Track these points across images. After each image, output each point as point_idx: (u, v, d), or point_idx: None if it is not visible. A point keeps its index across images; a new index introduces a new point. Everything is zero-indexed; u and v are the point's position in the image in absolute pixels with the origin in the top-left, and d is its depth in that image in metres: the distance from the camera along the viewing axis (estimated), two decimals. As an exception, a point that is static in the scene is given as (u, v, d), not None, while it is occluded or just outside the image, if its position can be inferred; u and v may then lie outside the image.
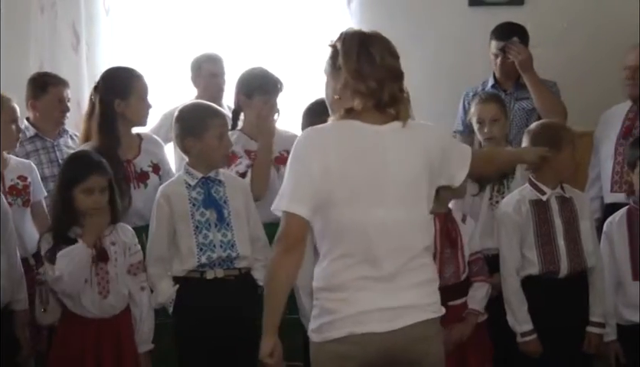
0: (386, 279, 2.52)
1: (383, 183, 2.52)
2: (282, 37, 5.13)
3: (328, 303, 2.54)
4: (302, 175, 2.51)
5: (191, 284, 3.37)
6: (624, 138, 4.08)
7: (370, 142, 2.53)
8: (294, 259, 2.52)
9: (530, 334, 3.36)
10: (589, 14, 5.20)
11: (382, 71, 2.54)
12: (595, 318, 3.39)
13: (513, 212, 3.43)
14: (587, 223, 3.42)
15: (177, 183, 3.46)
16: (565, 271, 3.37)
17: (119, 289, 3.32)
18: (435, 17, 5.16)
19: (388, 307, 2.51)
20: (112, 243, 3.33)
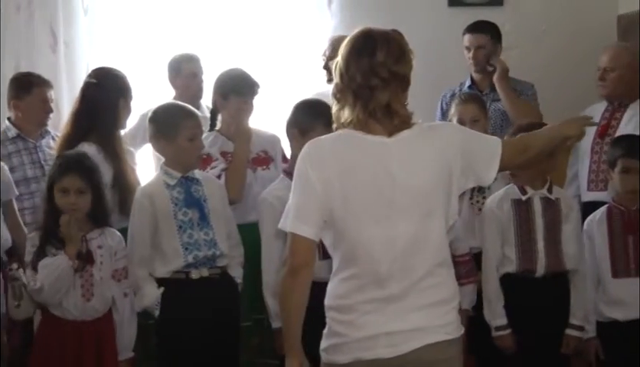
0: (395, 300, 2.38)
1: (389, 198, 2.37)
2: (263, 38, 5.12)
3: (336, 326, 2.42)
4: (304, 191, 2.39)
5: (177, 285, 3.34)
6: (600, 137, 4.11)
7: (374, 154, 2.38)
8: (303, 280, 2.40)
9: (505, 329, 3.38)
10: (567, 15, 5.25)
11: (375, 79, 2.39)
12: (575, 321, 3.40)
13: (496, 209, 3.45)
14: (571, 226, 3.42)
15: (156, 183, 3.43)
16: (542, 271, 3.39)
17: (103, 293, 3.30)
18: (414, 18, 5.17)
19: (396, 331, 2.37)
20: (99, 246, 3.31)
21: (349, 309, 2.40)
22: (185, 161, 3.41)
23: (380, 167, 2.38)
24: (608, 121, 4.15)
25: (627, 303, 3.39)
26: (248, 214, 3.63)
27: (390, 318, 2.38)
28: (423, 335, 2.39)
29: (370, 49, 2.39)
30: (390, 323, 2.38)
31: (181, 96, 4.46)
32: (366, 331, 2.38)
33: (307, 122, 3.28)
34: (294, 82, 5.01)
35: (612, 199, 3.53)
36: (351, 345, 2.39)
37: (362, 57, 2.39)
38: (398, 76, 2.41)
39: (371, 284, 2.38)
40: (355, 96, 2.40)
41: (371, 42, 2.41)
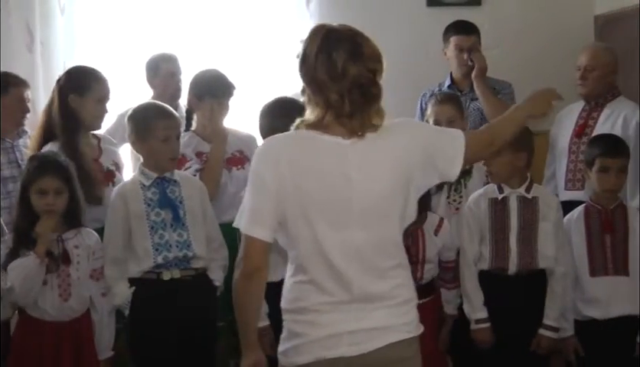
0: (357, 301, 2.35)
1: (346, 201, 2.31)
2: (241, 37, 5.10)
3: (295, 326, 2.38)
4: (259, 191, 2.34)
5: (148, 285, 3.34)
6: (577, 136, 4.13)
7: (332, 157, 2.32)
8: (257, 283, 2.37)
9: (484, 322, 3.40)
10: (544, 15, 5.28)
11: (345, 82, 2.30)
12: (548, 321, 3.41)
13: (473, 207, 3.48)
14: (549, 225, 3.43)
15: (132, 183, 3.44)
16: (514, 269, 3.41)
17: (80, 292, 3.28)
18: (393, 17, 5.18)
19: (359, 329, 2.34)
20: (76, 246, 3.29)
21: (308, 310, 2.36)
22: (158, 162, 3.40)
23: (337, 169, 2.32)
24: (586, 120, 4.17)
25: (605, 301, 3.42)
26: (223, 214, 3.61)
27: (352, 317, 2.34)
28: (386, 333, 2.37)
29: (330, 47, 2.31)
30: (352, 321, 2.35)
31: (160, 96, 4.44)
32: (328, 330, 2.35)
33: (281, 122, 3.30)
34: (272, 81, 5.01)
35: (589, 199, 3.55)
36: (312, 345, 2.35)
37: (319, 56, 2.31)
38: (359, 77, 2.31)
39: (330, 287, 2.34)
40: (310, 98, 2.35)
41: (331, 39, 2.32)
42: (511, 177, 3.45)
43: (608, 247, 3.45)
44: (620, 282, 3.42)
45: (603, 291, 3.42)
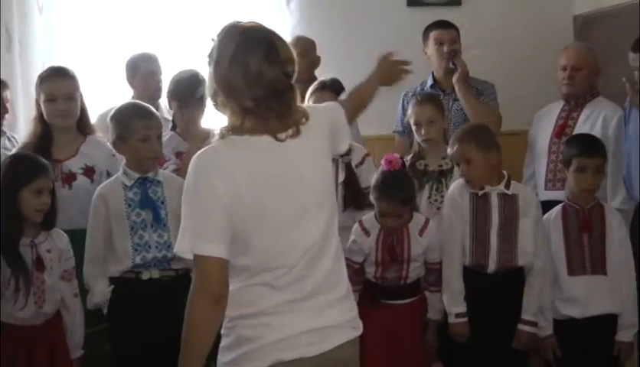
0: (308, 298, 2.30)
1: (300, 200, 2.28)
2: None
3: (247, 332, 2.28)
4: (208, 207, 2.20)
5: (126, 285, 3.34)
6: (557, 136, 4.14)
7: (278, 157, 2.26)
8: (220, 309, 2.23)
9: (462, 316, 3.41)
10: (523, 15, 5.32)
11: (260, 87, 2.20)
12: (527, 316, 3.42)
13: (458, 197, 3.48)
14: (529, 222, 3.44)
15: (114, 183, 3.43)
16: (493, 267, 3.41)
17: (53, 296, 3.26)
18: (373, 17, 5.19)
19: (314, 328, 2.30)
20: (48, 250, 3.25)
21: (261, 313, 2.28)
22: (139, 162, 3.39)
23: (287, 169, 2.27)
24: (565, 120, 4.19)
25: (583, 300, 3.43)
26: None
27: (306, 316, 2.30)
28: (339, 331, 2.35)
29: (243, 50, 2.21)
30: (307, 320, 2.30)
31: (140, 96, 4.42)
32: (285, 331, 2.28)
33: None
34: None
35: (566, 198, 3.56)
36: (269, 348, 2.27)
37: (232, 61, 2.22)
38: (274, 82, 2.22)
39: (286, 287, 2.28)
40: (230, 102, 2.25)
41: (244, 42, 2.22)
42: (488, 177, 3.45)
43: (585, 246, 3.46)
44: (598, 281, 3.43)
45: (581, 290, 3.43)
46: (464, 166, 3.45)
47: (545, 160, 4.19)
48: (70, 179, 3.71)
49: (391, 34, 5.13)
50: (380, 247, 3.44)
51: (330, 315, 2.33)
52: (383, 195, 3.37)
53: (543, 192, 4.17)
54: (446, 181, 3.78)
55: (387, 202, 3.36)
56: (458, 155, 3.46)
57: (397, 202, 3.37)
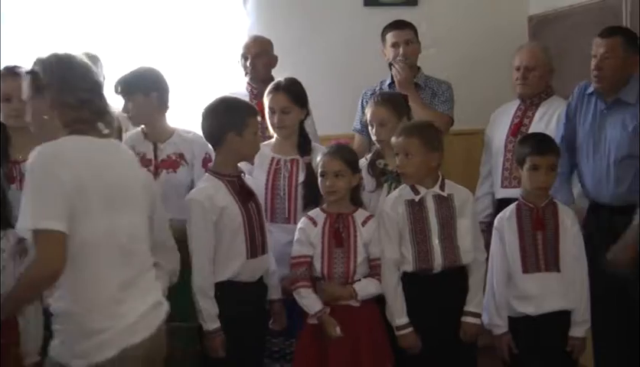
0: (135, 281, 2.57)
1: (128, 194, 2.62)
2: (178, 37, 5.06)
3: (92, 324, 2.48)
4: (51, 189, 2.41)
5: None
6: (513, 135, 4.18)
7: (108, 155, 2.61)
8: (52, 282, 2.47)
9: (406, 328, 3.42)
10: (479, 15, 5.36)
11: (84, 109, 2.57)
12: (470, 308, 3.44)
13: (390, 211, 3.47)
14: (466, 221, 3.46)
15: None
16: (439, 269, 3.43)
17: None
18: (331, 17, 5.20)
19: (146, 310, 2.56)
20: (2, 250, 3.20)
21: (103, 303, 2.49)
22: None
23: (119, 165, 2.62)
24: (521, 119, 4.23)
25: (537, 297, 3.45)
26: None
27: (138, 299, 2.56)
28: (159, 311, 2.65)
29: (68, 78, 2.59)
30: (140, 303, 2.56)
31: None
32: (128, 317, 2.51)
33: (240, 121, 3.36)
34: (210, 81, 4.98)
35: (520, 197, 3.59)
36: (117, 335, 2.48)
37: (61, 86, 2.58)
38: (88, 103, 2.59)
39: (119, 273, 2.53)
40: (61, 116, 2.58)
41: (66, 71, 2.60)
42: (425, 178, 3.47)
43: (539, 244, 3.48)
44: (552, 278, 3.46)
45: (536, 288, 3.46)
46: (403, 158, 3.44)
47: (501, 159, 4.23)
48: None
49: (348, 34, 5.16)
50: (327, 233, 3.44)
51: (151, 298, 2.62)
52: (328, 153, 3.47)
53: (500, 190, 4.21)
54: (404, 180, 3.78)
55: (330, 156, 3.46)
56: (400, 147, 3.46)
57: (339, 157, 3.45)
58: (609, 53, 3.76)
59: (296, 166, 3.77)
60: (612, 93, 3.80)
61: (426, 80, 4.50)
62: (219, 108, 3.41)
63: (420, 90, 4.45)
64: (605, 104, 3.83)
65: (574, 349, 3.47)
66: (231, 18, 5.05)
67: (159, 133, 3.82)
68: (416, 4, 5.28)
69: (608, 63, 3.76)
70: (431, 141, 3.45)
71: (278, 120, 3.76)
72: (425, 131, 3.49)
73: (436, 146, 3.45)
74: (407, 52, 4.43)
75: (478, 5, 5.35)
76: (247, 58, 4.48)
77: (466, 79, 5.00)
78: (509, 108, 4.32)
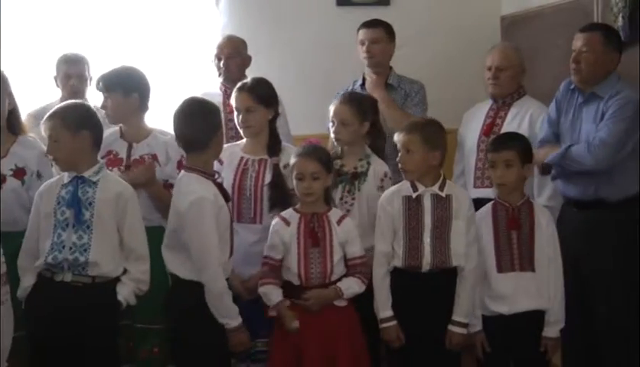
0: None
1: None
2: (150, 36, 5.04)
3: None
4: None
5: (43, 283, 3.31)
6: (485, 135, 4.20)
7: None
8: None
9: (389, 321, 3.43)
10: (453, 14, 5.38)
11: None
12: (457, 317, 3.45)
13: (387, 205, 3.49)
14: (461, 223, 3.47)
15: (56, 180, 3.41)
16: (427, 267, 3.44)
17: None
18: (303, 17, 5.20)
19: None
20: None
21: None
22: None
23: None
24: (493, 119, 4.24)
25: (511, 297, 3.47)
26: None
27: None
28: None
29: None
30: None
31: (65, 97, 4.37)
32: None
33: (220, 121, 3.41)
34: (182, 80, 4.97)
35: (497, 196, 3.60)
36: None
37: None
38: None
39: None
40: None
41: None
42: (425, 175, 3.48)
43: (514, 243, 3.50)
44: (526, 278, 3.48)
45: (510, 287, 3.47)
46: (404, 154, 3.46)
47: (474, 159, 4.24)
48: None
49: (321, 34, 5.17)
50: (302, 233, 3.44)
51: None
52: (303, 155, 3.46)
53: (472, 189, 4.21)
54: (359, 184, 3.76)
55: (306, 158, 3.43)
56: (402, 143, 3.47)
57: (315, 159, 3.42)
58: (587, 47, 3.80)
59: (264, 166, 3.76)
60: (590, 88, 3.84)
61: (399, 80, 4.51)
62: (204, 110, 3.40)
63: (393, 91, 4.46)
64: (582, 97, 3.87)
65: (547, 349, 3.48)
66: (204, 18, 5.03)
67: (136, 133, 3.79)
68: (388, 3, 5.29)
69: (585, 57, 3.81)
70: (432, 138, 3.45)
71: (242, 120, 3.75)
72: (427, 128, 3.49)
73: (438, 144, 3.46)
74: (372, 50, 4.45)
75: (451, 5, 5.37)
76: (220, 58, 4.47)
77: (439, 78, 5.02)
78: (482, 108, 4.33)
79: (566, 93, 3.97)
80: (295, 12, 5.18)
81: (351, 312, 3.48)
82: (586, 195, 3.81)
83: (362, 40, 4.49)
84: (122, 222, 3.35)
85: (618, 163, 3.71)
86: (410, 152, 3.44)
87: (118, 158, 3.74)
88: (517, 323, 3.46)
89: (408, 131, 3.48)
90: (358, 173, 3.77)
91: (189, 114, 3.38)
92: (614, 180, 3.75)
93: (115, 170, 3.67)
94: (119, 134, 3.80)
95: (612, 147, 3.69)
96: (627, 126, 3.70)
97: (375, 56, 4.47)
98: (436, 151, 3.45)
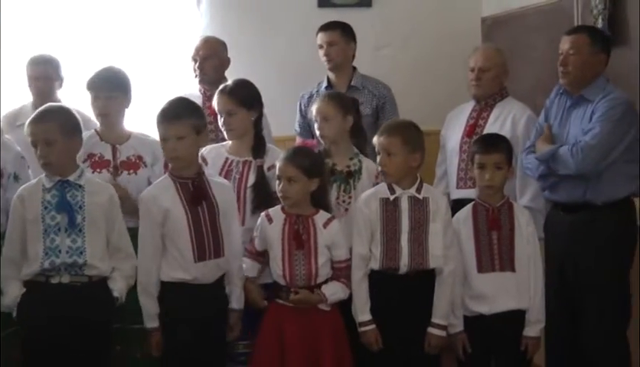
0: None
1: None
2: (132, 37, 5.02)
3: None
4: None
5: (36, 289, 3.26)
6: (468, 136, 4.19)
7: None
8: None
9: (368, 324, 3.42)
10: (434, 16, 5.40)
11: None
12: (436, 319, 3.45)
13: (364, 207, 3.49)
14: (438, 225, 3.46)
15: (35, 184, 3.36)
16: (405, 269, 3.43)
17: None
18: (284, 18, 5.20)
19: None
20: None
21: None
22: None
23: None
24: (476, 120, 4.24)
25: (491, 297, 3.47)
26: None
27: None
28: None
29: None
30: None
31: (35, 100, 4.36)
32: None
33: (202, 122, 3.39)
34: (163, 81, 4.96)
35: (477, 197, 3.60)
36: None
37: None
38: None
39: None
40: None
41: None
42: (404, 177, 3.48)
43: (495, 244, 3.50)
44: (506, 278, 3.48)
45: (490, 287, 3.47)
46: (384, 157, 3.46)
47: (456, 160, 4.24)
48: None
49: (302, 35, 5.15)
50: (287, 234, 3.43)
51: None
52: (284, 158, 3.45)
53: (455, 191, 4.22)
54: (354, 182, 3.77)
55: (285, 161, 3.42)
56: (382, 146, 3.47)
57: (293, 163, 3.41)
58: (574, 49, 3.81)
59: (248, 168, 3.75)
60: (578, 90, 3.84)
61: (363, 81, 4.52)
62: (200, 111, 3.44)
63: (357, 92, 4.48)
64: (571, 100, 3.88)
65: (528, 349, 3.48)
66: (185, 19, 5.02)
67: (117, 135, 3.79)
68: (370, 5, 5.30)
69: (572, 60, 3.81)
70: (412, 140, 3.46)
71: (224, 123, 3.75)
72: (407, 130, 3.50)
73: (418, 146, 3.46)
74: (329, 53, 4.49)
75: (433, 7, 5.38)
76: (196, 60, 4.46)
77: (421, 80, 5.03)
78: (464, 109, 4.34)
79: (555, 97, 3.98)
80: (276, 14, 5.18)
81: (334, 313, 3.47)
82: (575, 198, 3.80)
83: (320, 43, 4.53)
84: (112, 224, 3.37)
85: (607, 166, 3.71)
86: (391, 155, 3.44)
87: (104, 160, 3.74)
88: (497, 323, 3.46)
89: (389, 133, 3.48)
90: (352, 172, 3.78)
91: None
92: (603, 183, 3.74)
93: (105, 172, 3.69)
94: (97, 136, 3.78)
95: (597, 151, 3.69)
96: (615, 129, 3.70)
97: (333, 59, 4.50)
98: (416, 152, 3.46)
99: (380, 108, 4.52)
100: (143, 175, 3.76)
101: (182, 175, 3.38)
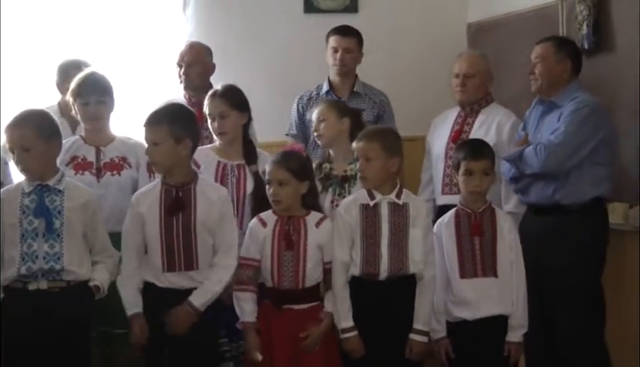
0: None
1: None
2: (118, 42, 5.01)
3: None
4: None
5: (14, 295, 3.25)
6: (453, 142, 4.20)
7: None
8: None
9: (350, 331, 3.41)
10: (420, 22, 5.41)
11: None
12: (418, 325, 3.44)
13: (344, 214, 3.48)
14: (418, 231, 3.46)
15: (15, 189, 3.35)
16: (385, 274, 3.43)
17: None
18: (271, 23, 5.21)
19: None
20: None
21: None
22: None
23: None
24: (461, 126, 4.26)
25: (474, 302, 3.47)
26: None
27: None
28: None
29: None
30: None
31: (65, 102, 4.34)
32: None
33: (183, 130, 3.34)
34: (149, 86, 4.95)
35: (459, 203, 3.61)
36: None
37: None
38: None
39: None
40: None
41: None
42: (384, 183, 3.48)
43: (477, 249, 3.50)
44: (489, 283, 3.48)
45: (473, 293, 3.48)
46: (363, 162, 3.47)
47: (442, 165, 4.25)
48: None
49: (289, 40, 5.18)
50: (277, 235, 3.42)
51: None
52: (273, 161, 3.46)
53: (441, 196, 4.23)
54: (349, 187, 3.78)
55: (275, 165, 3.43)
56: (361, 151, 3.48)
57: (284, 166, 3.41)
58: (539, 58, 3.95)
59: (243, 172, 3.76)
60: (549, 96, 3.93)
61: (364, 88, 4.53)
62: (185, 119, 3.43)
63: (359, 98, 4.50)
64: (543, 107, 3.95)
65: (511, 354, 3.49)
66: (171, 25, 5.02)
67: (103, 138, 3.79)
68: (356, 11, 5.32)
69: (539, 68, 3.95)
70: (391, 146, 3.47)
71: (218, 126, 3.75)
72: (385, 136, 3.52)
73: (396, 151, 3.48)
74: (344, 59, 4.50)
75: (418, 13, 5.40)
76: (181, 66, 4.45)
77: (406, 85, 5.05)
78: (449, 115, 4.35)
79: (533, 107, 4.05)
80: (262, 19, 5.19)
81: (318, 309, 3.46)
82: (544, 198, 3.85)
83: (335, 47, 4.51)
84: (91, 228, 3.36)
85: (574, 167, 3.77)
86: (370, 160, 3.45)
87: (87, 162, 3.74)
88: (480, 329, 3.46)
89: (367, 139, 3.49)
90: (348, 177, 3.80)
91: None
92: (570, 185, 3.80)
93: (87, 174, 3.70)
94: (81, 140, 3.79)
95: (560, 149, 3.76)
96: (579, 129, 3.77)
97: (347, 65, 4.53)
98: (395, 157, 3.47)
99: (379, 116, 4.55)
100: (127, 176, 3.77)
101: (168, 182, 3.37)
